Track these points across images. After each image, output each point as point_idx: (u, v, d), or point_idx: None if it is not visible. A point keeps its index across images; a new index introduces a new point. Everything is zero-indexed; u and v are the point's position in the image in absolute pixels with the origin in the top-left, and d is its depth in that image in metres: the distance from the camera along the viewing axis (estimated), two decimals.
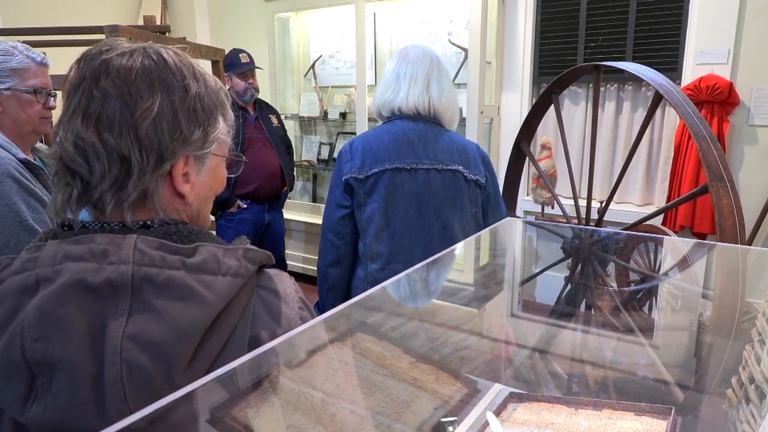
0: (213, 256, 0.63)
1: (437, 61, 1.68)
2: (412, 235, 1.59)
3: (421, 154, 1.58)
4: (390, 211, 1.59)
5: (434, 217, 1.59)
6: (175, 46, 0.72)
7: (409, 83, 1.62)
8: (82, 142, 0.62)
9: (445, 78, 1.66)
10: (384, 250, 1.60)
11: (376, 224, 1.60)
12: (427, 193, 1.58)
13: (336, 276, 1.68)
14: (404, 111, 1.61)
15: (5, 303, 0.60)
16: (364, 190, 1.60)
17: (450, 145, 1.60)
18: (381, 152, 1.59)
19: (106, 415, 0.56)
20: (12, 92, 1.37)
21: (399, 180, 1.58)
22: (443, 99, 1.62)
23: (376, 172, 1.58)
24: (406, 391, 1.02)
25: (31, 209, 1.33)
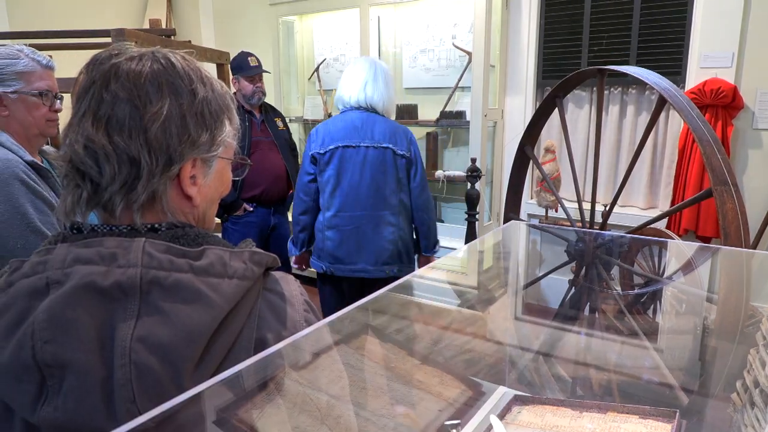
0: (220, 258, 0.63)
1: (376, 68, 2.27)
2: (356, 192, 2.23)
3: (363, 135, 2.21)
4: (341, 175, 2.24)
5: (370, 179, 2.22)
6: (182, 50, 0.73)
7: (352, 84, 2.25)
8: (93, 145, 0.63)
9: (380, 81, 2.26)
10: (336, 203, 2.26)
11: (331, 185, 2.25)
12: (366, 162, 2.21)
13: (304, 221, 2.38)
14: (351, 104, 2.25)
15: (16, 305, 0.60)
16: (324, 161, 2.25)
17: (384, 129, 2.23)
18: (335, 134, 2.23)
19: (115, 417, 0.57)
20: (18, 95, 1.38)
21: (347, 154, 2.21)
22: (376, 96, 2.24)
23: (332, 148, 2.22)
24: (410, 393, 1.03)
25: (39, 211, 1.34)
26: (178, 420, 0.55)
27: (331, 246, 2.29)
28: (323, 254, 2.33)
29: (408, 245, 2.37)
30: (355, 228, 2.26)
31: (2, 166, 1.30)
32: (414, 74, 3.88)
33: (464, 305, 1.44)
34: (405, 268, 2.35)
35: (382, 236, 2.26)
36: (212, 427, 0.61)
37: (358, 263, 2.28)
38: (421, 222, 2.36)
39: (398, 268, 2.32)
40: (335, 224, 2.26)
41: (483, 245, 1.52)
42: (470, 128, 3.44)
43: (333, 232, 2.28)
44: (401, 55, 3.99)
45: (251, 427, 0.65)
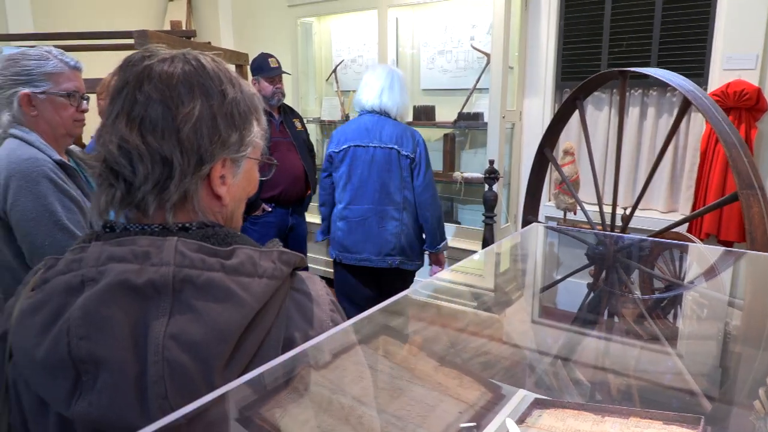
0: (249, 258, 0.64)
1: (392, 76, 2.50)
2: (364, 188, 2.46)
3: (372, 136, 2.44)
4: (351, 172, 2.48)
5: (377, 176, 2.43)
6: (211, 52, 0.74)
7: (369, 90, 2.48)
8: (126, 144, 0.64)
9: (396, 87, 2.48)
10: (346, 196, 2.51)
11: (343, 180, 2.51)
12: (373, 161, 2.43)
13: (323, 212, 2.72)
14: (366, 108, 2.49)
15: (51, 302, 0.62)
16: (338, 159, 2.51)
17: (391, 132, 2.43)
18: (349, 135, 2.49)
19: (148, 412, 0.58)
20: (47, 96, 1.41)
21: (358, 153, 2.45)
22: (390, 102, 2.46)
23: (345, 147, 2.48)
24: (430, 394, 1.03)
25: (66, 209, 1.36)
26: (209, 417, 0.56)
27: (340, 236, 2.54)
28: (334, 243, 2.59)
29: (412, 240, 2.52)
30: (362, 220, 2.48)
31: (32, 165, 1.33)
32: (432, 76, 3.88)
33: (484, 308, 1.44)
34: (408, 261, 2.53)
35: (386, 229, 2.46)
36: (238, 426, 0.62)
37: (363, 253, 2.50)
38: (425, 219, 2.50)
39: (400, 260, 2.50)
40: (345, 216, 2.52)
41: (504, 248, 1.52)
42: (488, 130, 3.43)
43: (343, 223, 2.53)
44: (419, 56, 3.99)
45: (274, 426, 0.66)
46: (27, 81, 1.38)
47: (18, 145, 1.37)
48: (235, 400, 0.60)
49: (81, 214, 1.40)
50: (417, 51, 4.00)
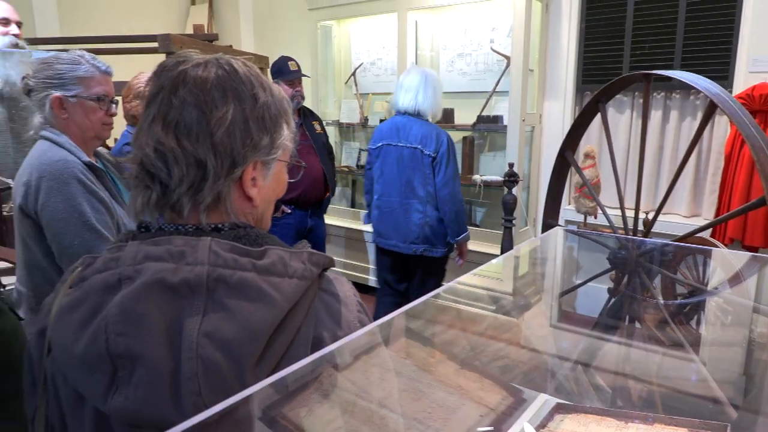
0: (280, 258, 0.65)
1: (426, 79, 2.67)
2: (392, 182, 2.73)
3: (401, 136, 2.67)
4: (383, 167, 2.76)
5: (403, 172, 2.68)
6: (242, 57, 0.75)
7: (404, 93, 2.69)
8: (162, 147, 0.65)
9: (429, 90, 2.67)
10: (379, 189, 2.81)
11: (377, 174, 2.81)
12: (401, 159, 2.67)
13: (367, 199, 3.00)
14: (400, 109, 2.71)
15: (89, 300, 0.63)
16: (374, 155, 2.80)
17: (417, 132, 2.63)
18: (384, 134, 2.75)
19: (181, 408, 0.59)
20: (77, 100, 1.44)
21: (389, 150, 2.71)
22: (424, 103, 2.66)
23: (379, 145, 2.76)
24: (451, 397, 1.03)
25: (94, 210, 1.39)
26: (239, 414, 0.57)
27: (376, 223, 2.87)
28: (374, 228, 2.92)
29: (435, 230, 2.73)
30: (390, 210, 2.76)
31: (62, 167, 1.36)
32: (451, 78, 3.87)
33: (505, 311, 1.44)
34: (433, 248, 2.76)
35: (411, 220, 2.71)
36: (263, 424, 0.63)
37: (392, 239, 2.79)
38: (444, 213, 2.70)
39: (425, 248, 2.75)
40: (378, 206, 2.82)
41: (527, 252, 1.52)
42: (508, 133, 3.42)
43: (377, 212, 2.84)
44: (438, 59, 3.99)
45: (299, 425, 0.67)
46: (59, 84, 1.41)
47: (49, 146, 1.40)
48: (264, 398, 0.61)
49: (108, 215, 1.43)
50: (436, 54, 4.01)
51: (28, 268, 1.42)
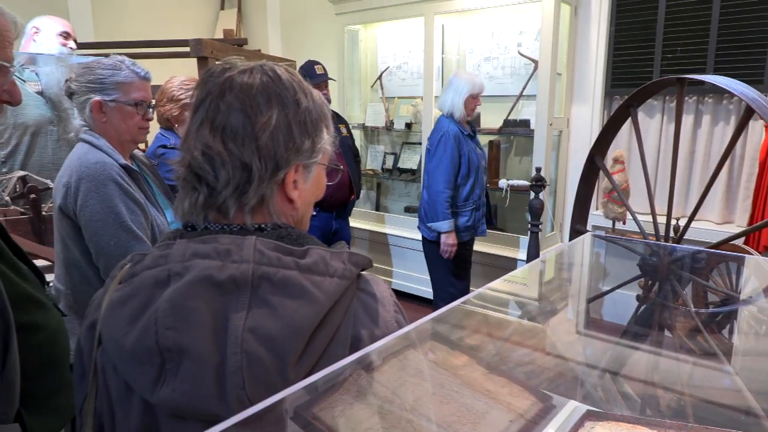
0: (322, 258, 0.67)
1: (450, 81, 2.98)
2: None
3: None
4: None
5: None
6: (283, 63, 0.77)
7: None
8: (210, 151, 0.68)
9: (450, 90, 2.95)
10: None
11: None
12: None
13: None
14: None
15: (140, 294, 0.66)
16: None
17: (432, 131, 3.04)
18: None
19: (226, 401, 0.61)
20: (116, 104, 1.48)
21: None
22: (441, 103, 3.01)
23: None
24: (480, 402, 1.03)
25: (130, 211, 1.43)
26: (276, 412, 0.58)
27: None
28: None
29: (428, 213, 2.99)
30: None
31: (100, 169, 1.40)
32: None
33: (534, 317, 1.43)
34: (426, 229, 3.03)
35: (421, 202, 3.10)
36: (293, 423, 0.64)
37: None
38: (423, 196, 3.05)
39: (420, 227, 3.11)
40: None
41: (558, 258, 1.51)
42: (535, 137, 3.40)
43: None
44: (464, 63, 3.99)
45: (329, 425, 0.68)
46: (99, 89, 1.45)
47: (88, 149, 1.45)
48: (297, 397, 0.62)
49: (143, 216, 1.47)
50: (462, 58, 4.00)
51: (67, 266, 1.46)
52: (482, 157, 3.07)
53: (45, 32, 2.53)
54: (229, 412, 0.59)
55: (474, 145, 3.01)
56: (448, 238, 2.90)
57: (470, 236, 3.04)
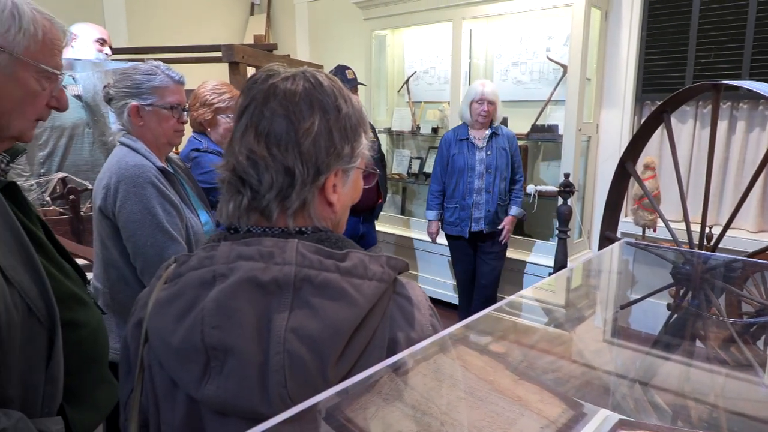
0: (361, 261, 0.68)
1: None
2: None
3: None
4: None
5: None
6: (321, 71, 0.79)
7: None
8: (254, 155, 0.70)
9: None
10: None
11: None
12: None
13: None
14: None
15: (186, 294, 0.68)
16: None
17: None
18: None
19: (268, 399, 0.62)
20: (153, 108, 1.52)
21: None
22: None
23: None
24: (511, 408, 1.02)
25: (166, 213, 1.46)
26: (317, 411, 0.59)
27: None
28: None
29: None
30: None
31: (138, 172, 1.44)
32: (505, 87, 3.85)
33: (563, 325, 1.42)
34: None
35: None
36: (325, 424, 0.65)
37: None
38: None
39: None
40: None
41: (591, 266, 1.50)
42: (563, 142, 3.37)
43: None
44: (492, 68, 3.97)
45: (361, 427, 0.68)
46: (137, 94, 1.49)
47: (126, 152, 1.49)
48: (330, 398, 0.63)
49: (178, 217, 1.50)
50: (490, 62, 3.99)
51: (105, 266, 1.51)
52: (483, 161, 3.17)
53: (82, 38, 2.61)
54: (271, 409, 0.61)
55: (470, 149, 3.20)
56: (429, 226, 3.41)
57: (457, 232, 3.28)
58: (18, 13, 0.91)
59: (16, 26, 0.90)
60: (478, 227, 3.21)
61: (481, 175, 3.18)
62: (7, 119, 0.94)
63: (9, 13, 0.90)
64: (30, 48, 0.92)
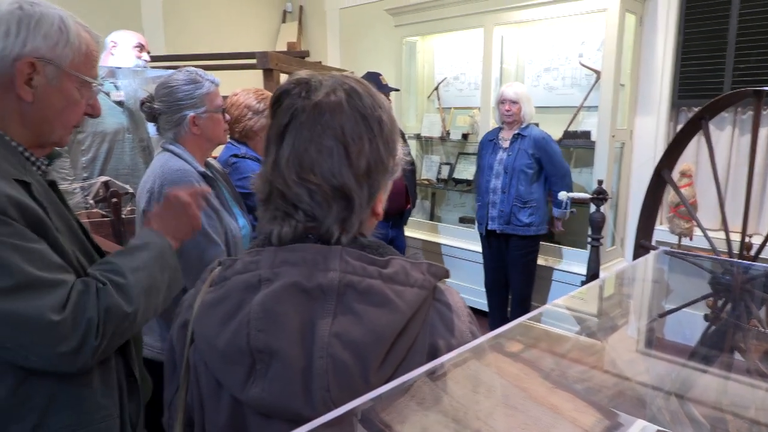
0: (403, 268, 0.69)
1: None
2: None
3: None
4: None
5: None
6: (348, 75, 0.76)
7: None
8: (307, 184, 0.68)
9: None
10: None
11: None
12: None
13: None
14: None
15: (232, 297, 0.69)
16: None
17: None
18: None
19: (311, 402, 0.64)
20: (207, 114, 1.58)
21: None
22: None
23: None
24: (545, 416, 1.02)
25: (207, 216, 1.50)
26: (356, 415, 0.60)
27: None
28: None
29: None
30: None
31: (181, 176, 1.48)
32: (536, 93, 3.82)
33: (597, 335, 1.41)
34: None
35: None
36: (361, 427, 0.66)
37: None
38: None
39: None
40: None
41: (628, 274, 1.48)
42: (596, 149, 3.32)
43: None
44: (523, 73, 3.95)
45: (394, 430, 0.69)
46: (191, 105, 1.54)
47: (169, 157, 1.54)
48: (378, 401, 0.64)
49: (218, 220, 1.54)
50: (521, 68, 3.97)
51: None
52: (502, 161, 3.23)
53: (122, 46, 2.69)
54: (314, 412, 0.62)
55: (494, 149, 3.29)
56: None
57: (479, 229, 3.40)
58: (65, 28, 0.95)
59: (63, 40, 0.95)
60: (493, 226, 3.27)
61: (498, 174, 3.23)
62: (50, 127, 0.99)
63: (57, 28, 0.94)
64: (74, 60, 0.97)
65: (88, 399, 0.96)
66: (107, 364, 1.01)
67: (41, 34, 0.92)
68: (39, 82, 0.94)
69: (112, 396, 1.01)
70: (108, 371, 1.01)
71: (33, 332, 0.83)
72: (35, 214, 0.88)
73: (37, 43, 0.92)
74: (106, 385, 1.00)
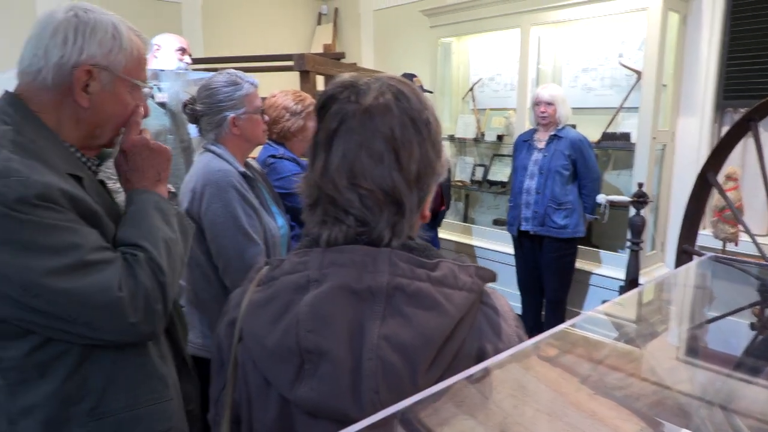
0: (451, 271, 0.68)
1: None
2: None
3: None
4: None
5: None
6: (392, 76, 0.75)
7: None
8: (358, 189, 0.69)
9: None
10: None
11: None
12: None
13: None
14: None
15: (280, 297, 0.70)
16: None
17: None
18: None
19: (360, 403, 0.64)
20: (247, 116, 1.61)
21: None
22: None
23: None
24: (586, 422, 1.00)
25: (247, 215, 1.53)
26: (403, 416, 0.61)
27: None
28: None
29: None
30: None
31: (223, 176, 1.52)
32: (574, 94, 3.75)
33: (639, 342, 1.38)
34: None
35: None
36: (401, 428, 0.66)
37: None
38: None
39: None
40: None
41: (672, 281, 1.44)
42: (636, 151, 3.25)
43: None
44: (560, 74, 3.89)
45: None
46: (231, 106, 1.58)
47: (212, 158, 1.57)
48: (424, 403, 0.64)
49: (257, 219, 1.57)
50: (558, 69, 3.91)
51: (189, 265, 1.59)
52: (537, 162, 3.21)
53: (165, 48, 2.77)
54: (362, 413, 0.62)
55: (528, 150, 3.28)
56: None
57: (511, 231, 3.38)
58: (118, 34, 0.98)
59: (117, 46, 0.98)
60: (526, 226, 3.24)
61: (533, 175, 3.21)
62: (102, 130, 1.02)
63: (111, 36, 0.97)
64: (127, 65, 1.00)
65: (144, 381, 0.99)
66: (160, 348, 1.04)
67: (96, 41, 0.95)
68: (95, 88, 0.96)
69: (166, 378, 1.04)
70: (161, 354, 1.04)
71: (103, 306, 0.87)
72: (87, 206, 0.92)
73: (92, 50, 0.95)
74: (161, 367, 1.03)
